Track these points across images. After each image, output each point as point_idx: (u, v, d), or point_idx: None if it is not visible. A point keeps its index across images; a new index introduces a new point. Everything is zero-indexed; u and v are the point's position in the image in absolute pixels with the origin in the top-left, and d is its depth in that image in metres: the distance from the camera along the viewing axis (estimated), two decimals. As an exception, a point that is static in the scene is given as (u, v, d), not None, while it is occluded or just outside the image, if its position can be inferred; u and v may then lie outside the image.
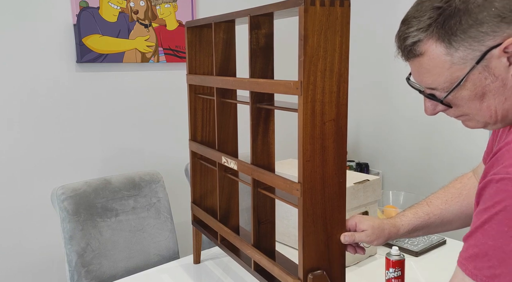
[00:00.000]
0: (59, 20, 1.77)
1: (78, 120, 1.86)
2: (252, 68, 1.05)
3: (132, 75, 1.98)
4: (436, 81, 0.76)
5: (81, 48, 1.80)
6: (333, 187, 0.91)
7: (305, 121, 0.86)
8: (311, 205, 0.90)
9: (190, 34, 1.37)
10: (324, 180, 0.90)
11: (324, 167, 0.89)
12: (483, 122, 0.80)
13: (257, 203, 1.11)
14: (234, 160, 1.15)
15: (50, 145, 1.81)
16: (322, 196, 0.91)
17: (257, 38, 1.04)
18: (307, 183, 0.89)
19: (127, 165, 1.97)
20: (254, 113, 1.07)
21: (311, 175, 0.89)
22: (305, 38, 0.83)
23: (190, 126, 1.43)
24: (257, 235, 1.12)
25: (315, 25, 0.83)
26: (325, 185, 0.91)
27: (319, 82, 0.85)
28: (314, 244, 0.92)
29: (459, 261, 0.72)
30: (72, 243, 1.44)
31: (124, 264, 1.54)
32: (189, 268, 1.48)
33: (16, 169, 1.75)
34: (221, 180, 1.29)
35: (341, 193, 0.93)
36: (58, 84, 1.80)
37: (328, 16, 0.83)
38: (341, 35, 0.85)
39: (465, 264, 0.69)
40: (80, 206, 1.47)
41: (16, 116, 1.73)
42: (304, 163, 0.88)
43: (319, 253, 0.93)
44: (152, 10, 1.96)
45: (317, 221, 0.91)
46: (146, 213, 1.62)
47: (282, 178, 0.96)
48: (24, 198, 1.77)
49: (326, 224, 0.92)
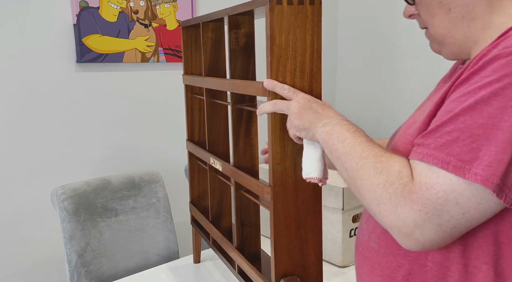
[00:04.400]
0: (59, 20, 1.77)
1: (78, 120, 1.86)
2: (231, 68, 1.04)
3: (132, 75, 1.98)
4: None
5: (81, 48, 1.80)
6: (307, 191, 0.88)
7: (274, 123, 0.84)
8: (282, 209, 0.87)
9: (185, 34, 1.37)
10: (296, 184, 0.87)
11: (296, 171, 0.86)
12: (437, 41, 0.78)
13: (240, 205, 1.09)
14: (220, 161, 1.14)
15: (50, 145, 1.81)
16: (295, 200, 0.88)
17: (236, 38, 1.03)
18: (278, 186, 0.86)
19: (127, 165, 1.97)
20: (234, 114, 1.06)
21: (282, 178, 0.86)
22: (272, 37, 0.80)
23: (187, 126, 1.43)
24: (241, 237, 1.11)
25: (283, 25, 0.80)
26: (298, 189, 0.87)
27: (288, 83, 0.83)
28: (287, 248, 0.89)
29: (420, 154, 0.63)
30: (72, 243, 1.44)
31: (124, 264, 1.54)
32: (189, 268, 1.48)
33: (16, 169, 1.75)
34: (212, 181, 1.28)
35: (316, 197, 0.89)
36: (58, 84, 1.80)
37: (297, 15, 0.80)
38: (312, 34, 0.82)
39: (434, 154, 0.61)
40: (80, 206, 1.47)
41: (16, 116, 1.73)
42: (274, 166, 0.85)
43: (293, 258, 0.90)
44: (152, 10, 1.96)
45: (290, 225, 0.88)
46: (146, 213, 1.62)
47: (256, 180, 0.95)
48: (24, 198, 1.77)
49: (299, 229, 0.89)
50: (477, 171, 0.58)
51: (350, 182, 0.71)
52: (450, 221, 0.60)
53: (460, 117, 0.60)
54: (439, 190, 0.60)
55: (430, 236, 0.61)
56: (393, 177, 0.64)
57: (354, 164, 0.69)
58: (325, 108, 0.80)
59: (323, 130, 0.76)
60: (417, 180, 0.62)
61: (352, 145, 0.71)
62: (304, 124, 0.79)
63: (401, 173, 0.64)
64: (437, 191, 0.60)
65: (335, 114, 0.79)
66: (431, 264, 0.72)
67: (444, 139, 0.61)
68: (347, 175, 0.72)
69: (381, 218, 0.65)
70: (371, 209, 0.67)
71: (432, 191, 0.60)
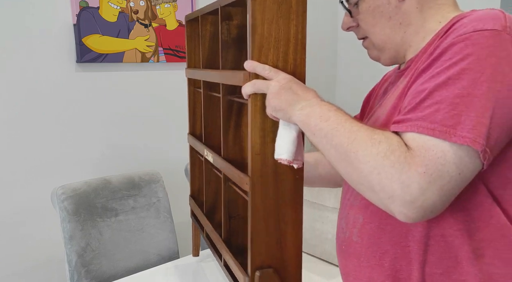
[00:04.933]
0: (59, 20, 1.77)
1: (78, 120, 1.86)
2: (223, 59, 1.03)
3: (132, 75, 1.98)
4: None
5: (81, 48, 1.80)
6: (288, 183, 0.86)
7: (254, 113, 0.83)
8: (261, 200, 0.86)
9: (189, 27, 1.37)
10: (277, 175, 0.85)
11: (277, 162, 0.84)
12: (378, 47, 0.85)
13: (228, 197, 1.08)
14: (212, 153, 1.13)
15: (50, 145, 1.81)
16: (275, 192, 0.86)
17: (228, 29, 1.02)
18: (257, 177, 0.84)
19: (127, 165, 1.97)
20: (224, 105, 1.05)
21: (262, 169, 0.84)
22: (254, 27, 0.79)
23: (189, 120, 1.43)
24: (228, 229, 1.10)
25: (265, 14, 0.79)
26: (278, 181, 0.85)
27: None
28: (265, 241, 0.88)
29: (404, 127, 0.66)
30: (72, 243, 1.44)
31: (124, 264, 1.54)
32: (189, 268, 1.48)
33: (16, 169, 1.75)
34: (208, 173, 1.27)
35: (297, 190, 0.87)
36: (58, 84, 1.80)
37: (281, 4, 0.80)
38: (297, 25, 0.81)
39: (417, 124, 0.65)
40: (80, 206, 1.47)
41: (16, 116, 1.73)
42: (253, 156, 0.84)
43: (271, 251, 0.88)
44: (152, 10, 1.96)
45: (268, 217, 0.87)
46: (146, 212, 1.62)
47: (238, 172, 0.93)
48: (24, 198, 1.77)
49: (279, 221, 0.88)
50: (463, 134, 0.61)
51: (340, 158, 0.70)
52: (450, 182, 0.63)
53: (436, 92, 0.65)
54: (437, 150, 0.62)
55: (433, 200, 0.63)
56: (394, 146, 0.64)
57: (345, 139, 0.68)
58: (306, 90, 0.79)
59: (301, 113, 0.75)
60: (414, 145, 0.64)
61: (339, 122, 0.71)
62: (281, 105, 0.78)
63: (400, 142, 0.65)
64: (435, 151, 0.62)
65: (315, 96, 0.78)
66: (412, 244, 0.75)
67: (425, 112, 0.65)
68: (335, 152, 0.70)
69: (382, 188, 0.64)
70: (369, 180, 0.66)
71: (431, 152, 0.62)
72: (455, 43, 0.67)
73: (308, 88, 0.81)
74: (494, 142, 0.63)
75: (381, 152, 0.64)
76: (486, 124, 0.62)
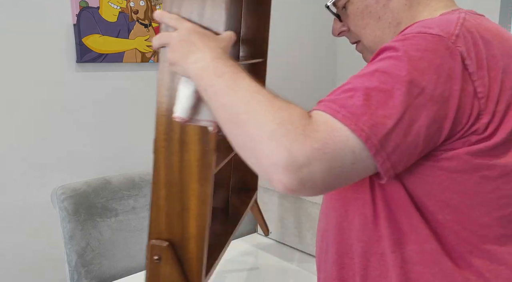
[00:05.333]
0: (59, 20, 1.77)
1: (78, 120, 1.86)
2: None
3: (132, 75, 1.98)
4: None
5: (81, 48, 1.80)
6: (196, 154, 0.79)
7: (162, 72, 0.78)
8: (164, 166, 0.81)
9: None
10: (183, 144, 0.79)
11: (185, 128, 0.78)
12: (371, 50, 0.84)
13: None
14: None
15: (50, 145, 1.81)
16: (180, 161, 0.80)
17: None
18: (161, 141, 0.79)
19: (127, 165, 1.97)
20: None
21: (167, 133, 0.79)
22: None
23: None
24: None
25: None
26: (184, 150, 0.79)
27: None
28: (165, 210, 0.83)
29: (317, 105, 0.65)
30: (72, 243, 1.44)
31: (124, 264, 1.54)
32: (189, 268, 1.48)
33: (16, 168, 1.75)
34: None
35: (205, 164, 0.80)
36: (57, 84, 1.80)
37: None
38: None
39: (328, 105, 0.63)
40: (80, 206, 1.47)
41: (16, 116, 1.73)
42: (158, 116, 0.79)
43: (169, 223, 0.84)
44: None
45: (171, 186, 0.82)
46: (146, 212, 1.62)
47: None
48: (24, 198, 1.77)
49: (182, 193, 0.82)
50: (363, 127, 0.60)
51: (228, 118, 0.64)
52: (341, 167, 0.60)
53: (358, 79, 0.64)
54: (342, 134, 0.60)
55: (317, 175, 0.59)
56: (294, 116, 0.61)
57: (239, 98, 0.63)
58: (207, 41, 0.71)
59: (195, 67, 0.69)
60: (321, 121, 0.61)
61: (234, 79, 0.65)
62: (175, 58, 0.72)
63: (303, 115, 0.62)
64: (340, 134, 0.60)
65: (215, 47, 0.71)
66: (357, 258, 0.76)
67: (340, 96, 0.64)
68: (224, 112, 0.65)
69: (268, 154, 0.59)
70: (256, 146, 0.61)
71: (336, 133, 0.60)
72: (396, 41, 0.66)
73: (213, 39, 0.73)
74: (392, 148, 0.60)
75: (279, 118, 0.60)
76: (388, 127, 0.60)
